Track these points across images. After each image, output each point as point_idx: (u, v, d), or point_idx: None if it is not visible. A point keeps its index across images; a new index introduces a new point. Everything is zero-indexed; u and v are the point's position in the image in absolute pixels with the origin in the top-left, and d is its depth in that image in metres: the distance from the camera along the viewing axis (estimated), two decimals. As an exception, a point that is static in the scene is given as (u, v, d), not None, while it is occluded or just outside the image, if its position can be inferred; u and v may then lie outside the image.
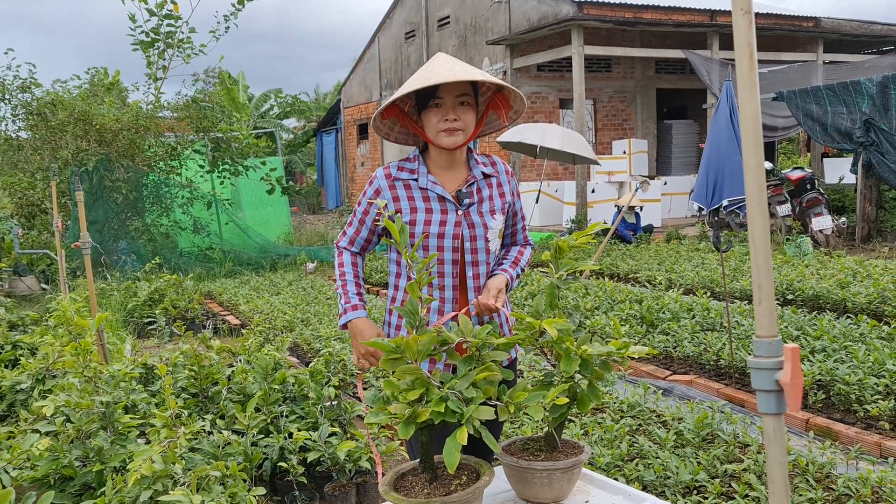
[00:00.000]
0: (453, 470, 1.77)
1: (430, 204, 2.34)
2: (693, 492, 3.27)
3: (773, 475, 1.20)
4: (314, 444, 3.62)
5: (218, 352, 4.52)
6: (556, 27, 14.14)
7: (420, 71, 2.30)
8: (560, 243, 2.16)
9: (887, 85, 10.78)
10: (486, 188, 2.41)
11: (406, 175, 2.38)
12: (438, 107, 2.28)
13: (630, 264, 9.47)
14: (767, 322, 1.19)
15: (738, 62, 1.19)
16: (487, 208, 2.38)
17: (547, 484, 2.01)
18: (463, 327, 2.02)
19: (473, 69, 2.29)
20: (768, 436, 1.20)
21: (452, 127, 2.28)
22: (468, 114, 2.31)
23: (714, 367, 5.19)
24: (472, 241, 2.35)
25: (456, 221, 2.33)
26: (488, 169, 2.44)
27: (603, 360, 2.07)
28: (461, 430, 1.78)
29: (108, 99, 11.92)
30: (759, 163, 1.19)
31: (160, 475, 2.70)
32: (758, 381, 1.20)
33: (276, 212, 15.58)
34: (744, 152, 1.20)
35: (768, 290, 1.19)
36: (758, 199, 1.20)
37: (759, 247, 1.20)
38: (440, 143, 2.30)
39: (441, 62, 2.28)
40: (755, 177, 1.19)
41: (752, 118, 1.19)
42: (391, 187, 2.36)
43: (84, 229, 4.61)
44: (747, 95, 1.19)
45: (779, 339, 1.19)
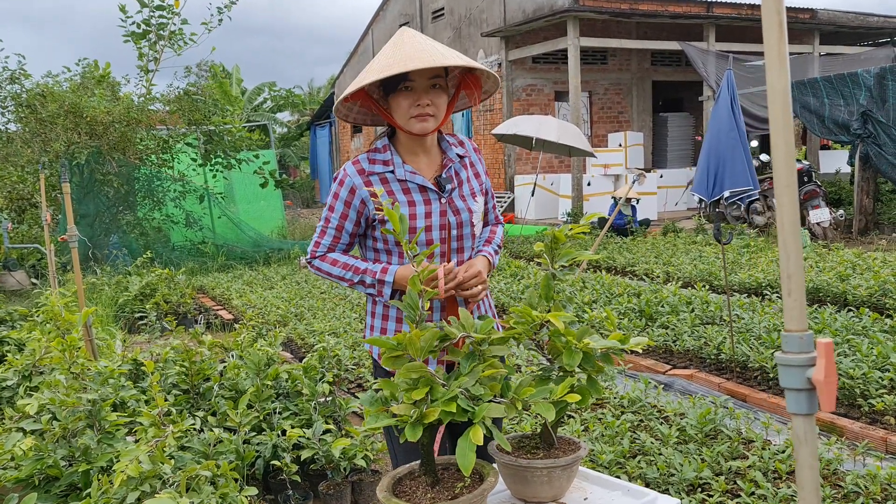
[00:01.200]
0: (469, 472, 1.68)
1: (412, 196, 2.18)
2: (697, 489, 3.19)
3: (804, 480, 1.11)
4: (308, 441, 3.53)
5: (210, 347, 4.41)
6: (551, 18, 14.03)
7: (388, 49, 2.11)
8: (556, 233, 2.07)
9: (885, 76, 10.72)
10: (463, 170, 2.28)
11: (380, 168, 2.18)
12: (409, 90, 2.10)
13: (627, 257, 9.39)
14: (798, 315, 1.10)
15: (766, 32, 1.09)
16: (468, 191, 2.26)
17: (547, 482, 1.92)
18: (464, 322, 1.93)
19: (446, 50, 2.11)
20: (798, 438, 1.11)
21: (424, 113, 2.10)
22: (440, 97, 2.14)
23: (715, 362, 5.11)
24: (458, 227, 2.22)
25: (441, 210, 2.19)
26: (460, 150, 2.30)
27: (604, 353, 1.99)
28: (474, 429, 1.69)
29: (98, 91, 11.77)
30: (790, 142, 1.10)
31: (148, 475, 2.60)
32: (787, 378, 1.11)
33: (270, 206, 15.46)
34: (773, 132, 1.10)
35: (798, 281, 1.10)
36: (787, 182, 1.10)
37: (789, 233, 1.10)
38: (411, 129, 2.13)
39: (410, 41, 2.09)
40: (785, 158, 1.10)
41: (782, 95, 1.09)
42: (367, 183, 2.16)
43: (71, 222, 4.50)
44: (776, 70, 1.10)
45: (810, 333, 1.10)
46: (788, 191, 1.10)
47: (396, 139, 2.24)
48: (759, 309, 5.94)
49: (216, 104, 13.02)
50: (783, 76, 1.10)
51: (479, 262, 2.24)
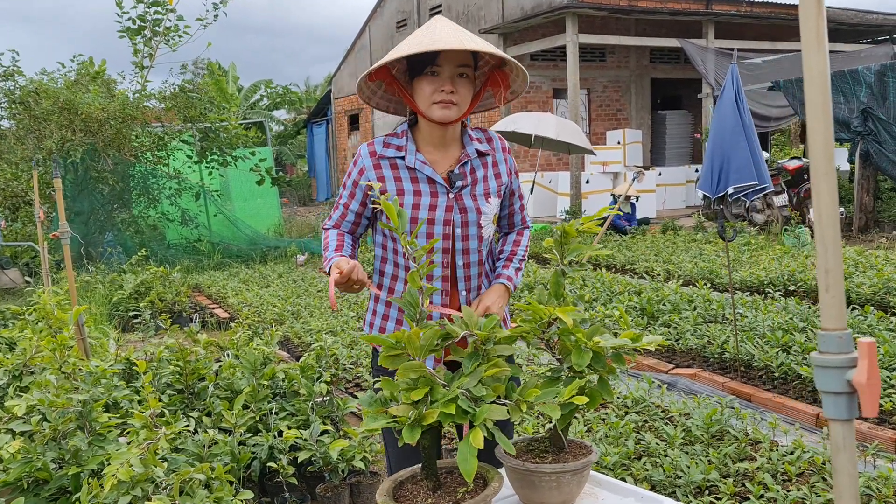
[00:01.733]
0: (471, 478, 1.60)
1: (419, 186, 2.11)
2: (705, 492, 3.11)
3: (842, 490, 1.03)
4: (305, 443, 3.45)
5: (205, 346, 4.33)
6: (549, 15, 13.94)
7: (420, 32, 2.04)
8: (566, 227, 1.99)
9: (885, 74, 10.65)
10: (481, 168, 2.17)
11: (392, 153, 2.13)
12: (434, 75, 2.03)
13: (627, 255, 9.31)
14: (836, 312, 1.02)
15: (802, 11, 1.01)
16: (481, 191, 2.15)
17: (556, 487, 1.84)
18: (467, 319, 1.84)
19: (480, 39, 2.05)
20: (836, 445, 1.03)
21: (448, 100, 2.03)
22: (466, 87, 2.07)
23: (718, 361, 5.04)
24: (463, 227, 2.13)
25: (447, 206, 2.11)
26: (483, 146, 2.20)
27: (615, 352, 1.91)
28: (475, 432, 1.61)
29: (93, 88, 11.67)
30: (828, 128, 1.01)
31: (139, 479, 2.51)
32: (824, 381, 1.02)
33: (266, 203, 15.35)
34: (810, 116, 1.02)
35: (837, 277, 1.02)
36: (825, 171, 1.02)
37: (827, 226, 1.02)
38: (431, 115, 2.06)
39: (444, 25, 2.03)
40: (823, 145, 1.02)
41: (821, 77, 1.01)
42: (376, 166, 2.12)
43: (63, 219, 4.40)
44: (814, 49, 1.01)
45: (850, 332, 1.02)
46: (827, 179, 1.02)
47: (417, 128, 2.17)
48: (762, 307, 5.87)
49: (212, 101, 12.91)
50: (822, 56, 1.01)
51: (490, 295, 2.19)
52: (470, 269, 2.18)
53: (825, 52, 1.02)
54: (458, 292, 2.18)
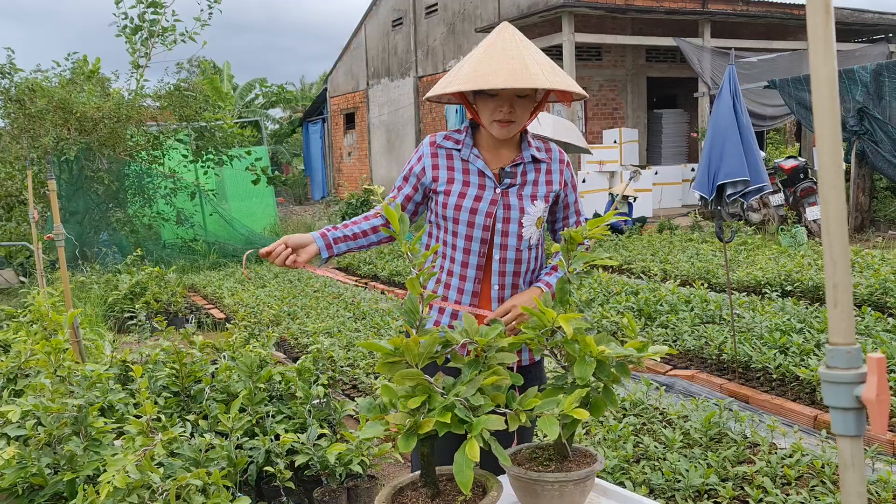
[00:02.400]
0: (468, 489, 1.58)
1: (469, 177, 2.24)
2: (704, 496, 3.10)
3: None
4: (302, 446, 3.43)
5: (201, 348, 4.30)
6: (545, 14, 13.92)
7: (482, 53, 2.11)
8: (572, 233, 1.97)
9: (881, 73, 10.65)
10: (533, 172, 2.28)
11: (451, 144, 2.29)
12: (494, 97, 2.15)
13: (624, 255, 9.30)
14: (845, 327, 1.00)
15: (809, 9, 0.99)
16: (529, 192, 2.25)
17: (558, 497, 1.82)
18: (468, 327, 1.83)
19: (540, 67, 2.10)
20: (844, 461, 1.02)
21: (507, 119, 2.16)
22: (525, 106, 2.19)
23: (716, 362, 5.03)
24: (504, 223, 2.22)
25: (492, 199, 2.22)
26: (541, 154, 2.30)
27: (620, 362, 1.89)
28: (470, 443, 1.59)
29: (88, 87, 11.61)
30: (836, 134, 1.00)
31: (135, 486, 2.49)
32: (832, 397, 1.01)
33: (262, 203, 15.31)
34: (818, 123, 1.00)
35: (846, 290, 1.00)
36: (834, 180, 1.00)
37: (835, 237, 1.00)
38: (491, 130, 2.20)
39: (503, 50, 2.10)
40: (831, 152, 1.00)
41: (828, 83, 0.99)
42: (433, 154, 2.28)
43: (57, 219, 4.37)
44: (822, 55, 1.00)
45: (858, 347, 1.00)
46: (835, 190, 1.00)
47: (479, 129, 2.31)
48: (760, 308, 5.86)
49: (207, 100, 12.86)
50: (829, 62, 1.00)
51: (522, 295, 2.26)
52: (506, 264, 2.25)
53: (834, 61, 1.00)
54: (491, 286, 2.27)
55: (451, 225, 2.24)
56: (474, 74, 2.07)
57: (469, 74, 2.08)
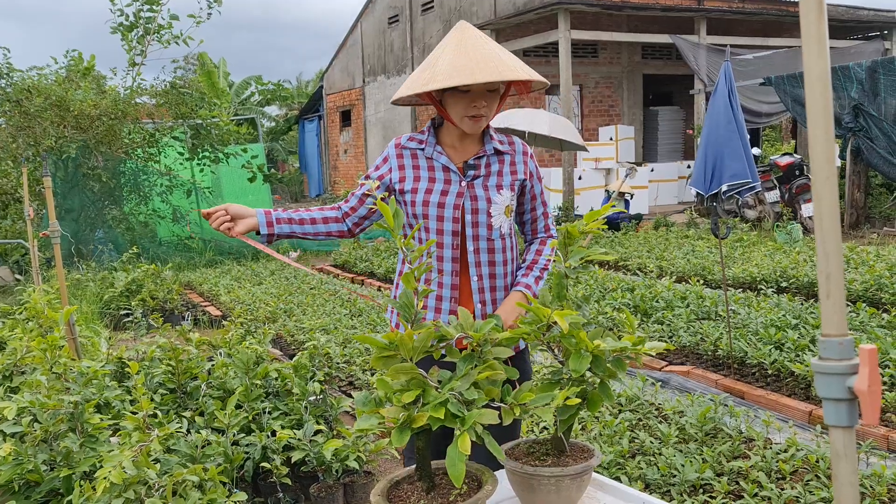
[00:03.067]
0: (459, 483, 1.58)
1: (434, 173, 2.29)
2: (699, 490, 3.11)
3: (843, 498, 1.02)
4: (299, 442, 3.43)
5: (197, 345, 4.30)
6: (541, 11, 13.92)
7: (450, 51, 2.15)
8: (570, 228, 1.98)
9: (876, 70, 10.68)
10: (497, 163, 2.33)
11: (414, 145, 2.34)
12: (466, 93, 2.18)
13: (620, 252, 9.32)
14: (837, 319, 1.01)
15: (802, 6, 1.00)
16: (494, 182, 2.30)
17: (555, 491, 1.83)
18: (463, 321, 1.83)
19: (507, 56, 2.17)
20: (837, 452, 1.02)
21: (479, 114, 2.21)
22: (494, 99, 2.24)
23: (711, 358, 5.05)
24: (473, 213, 2.27)
25: (458, 192, 2.27)
26: (503, 146, 2.36)
27: (616, 356, 1.89)
28: (462, 437, 1.59)
29: (84, 84, 11.58)
30: (829, 130, 1.00)
31: (132, 482, 2.49)
32: (825, 388, 1.01)
33: (258, 200, 15.28)
34: (811, 119, 1.01)
35: (838, 282, 1.01)
36: (827, 175, 1.01)
37: (828, 230, 1.01)
38: (463, 127, 2.25)
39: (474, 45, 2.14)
40: (823, 148, 1.00)
41: (821, 80, 1.00)
42: (398, 156, 2.34)
43: (53, 217, 4.37)
44: (815, 53, 1.00)
45: (851, 338, 1.01)
46: (828, 184, 1.01)
47: (442, 127, 2.36)
48: (755, 304, 5.88)
49: (203, 97, 12.84)
50: (822, 60, 1.00)
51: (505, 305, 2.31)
52: (480, 254, 2.30)
53: (827, 59, 1.01)
54: (470, 278, 2.30)
55: (422, 222, 2.28)
56: (455, 70, 2.09)
57: (449, 71, 2.10)
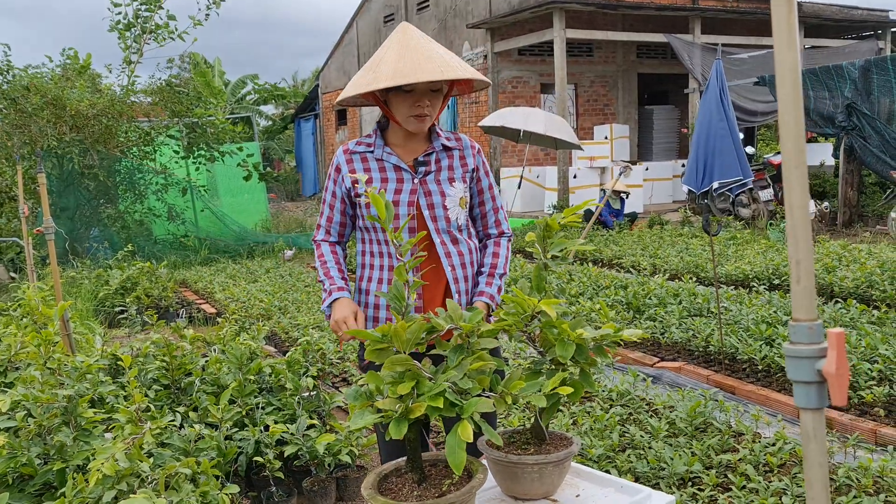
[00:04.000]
0: (460, 471, 1.62)
1: (386, 174, 2.33)
2: (688, 483, 3.14)
3: (813, 478, 1.05)
4: (292, 437, 3.46)
5: (191, 341, 4.31)
6: (537, 10, 13.95)
7: (393, 52, 2.20)
8: (548, 221, 2.01)
9: (869, 69, 10.72)
10: (446, 158, 2.38)
11: (363, 148, 2.38)
12: (410, 92, 2.23)
13: (614, 250, 9.35)
14: (807, 303, 1.04)
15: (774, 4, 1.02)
16: (445, 177, 2.36)
17: (538, 479, 1.86)
18: (452, 313, 1.86)
19: (448, 56, 2.23)
20: (806, 433, 1.05)
21: (423, 114, 2.26)
22: (437, 98, 2.29)
23: (703, 354, 5.08)
24: (430, 208, 2.33)
25: (412, 189, 2.32)
26: (451, 142, 2.41)
27: (597, 344, 1.93)
28: (463, 425, 1.62)
29: (79, 83, 11.58)
30: (799, 119, 1.03)
31: (125, 474, 2.51)
32: (795, 371, 1.04)
33: (254, 199, 15.30)
34: (781, 108, 1.04)
35: (808, 268, 1.04)
36: (796, 164, 1.04)
37: (798, 218, 1.04)
38: (408, 126, 2.29)
39: (416, 46, 2.20)
40: (794, 136, 1.03)
41: (791, 70, 1.03)
42: (348, 161, 2.38)
43: (47, 213, 4.38)
44: (785, 42, 1.03)
45: (820, 322, 1.04)
46: (798, 172, 1.04)
47: (388, 128, 2.41)
48: (747, 301, 5.92)
49: (199, 96, 12.84)
50: (792, 50, 1.03)
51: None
52: (447, 246, 2.35)
53: (797, 48, 1.04)
54: (444, 270, 2.35)
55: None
56: (398, 71, 2.13)
57: (393, 72, 2.13)
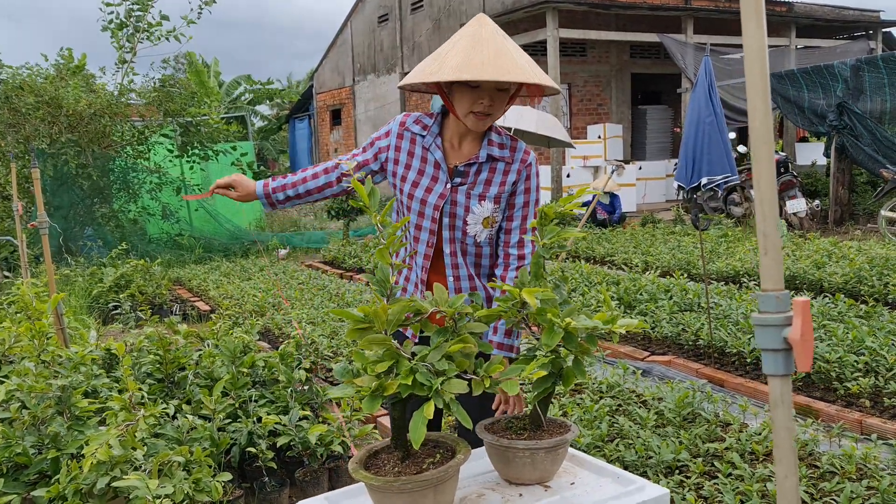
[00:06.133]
0: (418, 446, 1.65)
1: (426, 166, 2.27)
2: (675, 471, 3.18)
3: (780, 441, 1.09)
4: (284, 428, 3.49)
5: (185, 336, 4.34)
6: (530, 10, 14.00)
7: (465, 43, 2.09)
8: (545, 209, 2.04)
9: (861, 68, 10.81)
10: (487, 172, 2.25)
11: (418, 129, 2.30)
12: (475, 88, 2.12)
13: (606, 247, 9.40)
14: (774, 274, 1.08)
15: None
16: (477, 192, 2.24)
17: (530, 464, 1.90)
18: (437, 297, 1.89)
19: (523, 60, 2.11)
20: (774, 399, 1.09)
21: (485, 112, 2.15)
22: (502, 99, 2.17)
23: (693, 348, 5.13)
24: (450, 217, 2.25)
25: (441, 193, 2.24)
26: (501, 152, 2.26)
27: (589, 333, 1.96)
28: (428, 403, 1.66)
29: (73, 82, 11.58)
30: (766, 97, 1.07)
31: (118, 461, 2.55)
32: (763, 339, 1.09)
33: (248, 198, 15.26)
34: (749, 90, 1.08)
35: (774, 240, 1.08)
36: (764, 139, 1.08)
37: (765, 192, 1.08)
38: (467, 122, 2.19)
39: (489, 41, 2.08)
40: (762, 113, 1.08)
41: (759, 54, 1.07)
42: (399, 136, 2.31)
43: (41, 208, 4.41)
44: (753, 24, 1.07)
45: (787, 292, 1.08)
46: (766, 147, 1.08)
47: (448, 118, 2.29)
48: (737, 296, 5.97)
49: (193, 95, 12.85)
50: (760, 33, 1.07)
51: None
52: (456, 257, 2.28)
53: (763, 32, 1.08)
54: (446, 277, 2.30)
55: (406, 208, 2.29)
56: (464, 65, 2.04)
57: (459, 64, 2.04)
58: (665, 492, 1.89)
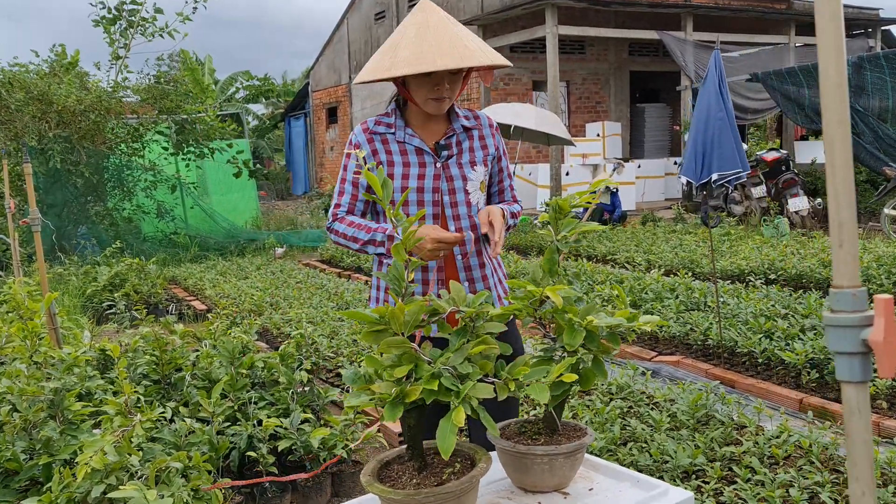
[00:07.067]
0: (447, 456, 1.53)
1: (408, 157, 2.29)
2: (692, 476, 3.07)
3: (857, 456, 0.98)
4: (285, 431, 3.37)
5: (182, 336, 4.22)
6: (529, 6, 13.89)
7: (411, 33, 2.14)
8: (560, 202, 1.94)
9: (862, 66, 10.72)
10: (467, 140, 2.35)
11: (383, 129, 2.32)
12: (429, 76, 2.19)
13: (608, 246, 9.30)
14: (850, 269, 0.96)
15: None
16: (467, 160, 2.33)
17: (548, 470, 1.79)
18: (455, 295, 1.78)
19: (469, 40, 2.17)
20: (850, 408, 0.98)
21: (442, 96, 2.23)
22: (457, 81, 2.26)
23: (701, 348, 5.02)
24: (451, 194, 2.29)
25: (434, 174, 2.28)
26: (469, 122, 2.38)
27: (610, 332, 1.85)
28: (457, 410, 1.54)
29: (66, 79, 11.42)
30: (841, 69, 0.96)
31: (114, 468, 2.42)
32: (837, 341, 0.97)
33: (244, 196, 15.17)
34: (822, 68, 0.97)
35: (851, 231, 0.96)
36: (839, 120, 0.97)
37: (840, 179, 0.97)
38: (427, 109, 2.26)
39: (436, 28, 2.14)
40: (837, 89, 0.96)
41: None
42: (369, 141, 2.31)
43: (33, 205, 4.28)
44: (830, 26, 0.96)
45: (864, 290, 0.97)
46: (841, 129, 0.97)
47: (407, 108, 2.35)
48: (744, 295, 5.87)
49: (188, 93, 12.71)
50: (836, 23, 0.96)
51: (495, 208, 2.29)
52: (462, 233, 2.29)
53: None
54: (454, 255, 2.31)
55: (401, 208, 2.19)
56: (417, 57, 2.09)
57: (410, 57, 2.09)
58: (689, 495, 1.79)
